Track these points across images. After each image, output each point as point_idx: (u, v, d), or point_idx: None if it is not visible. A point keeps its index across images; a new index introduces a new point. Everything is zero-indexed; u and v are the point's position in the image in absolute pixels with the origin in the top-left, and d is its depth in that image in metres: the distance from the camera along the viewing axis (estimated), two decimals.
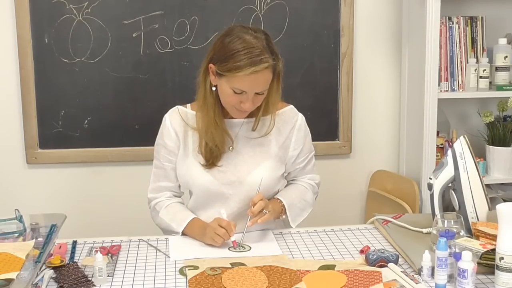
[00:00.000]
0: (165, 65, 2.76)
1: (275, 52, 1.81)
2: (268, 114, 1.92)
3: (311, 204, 2.06)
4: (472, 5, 2.87)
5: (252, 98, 1.82)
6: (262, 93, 1.83)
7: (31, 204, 2.68)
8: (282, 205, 1.94)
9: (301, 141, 2.01)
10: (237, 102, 1.83)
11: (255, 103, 1.85)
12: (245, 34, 1.79)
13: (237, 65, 1.75)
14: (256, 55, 1.75)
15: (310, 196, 2.06)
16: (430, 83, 2.64)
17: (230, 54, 1.77)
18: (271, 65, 1.78)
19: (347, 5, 2.82)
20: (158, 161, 2.00)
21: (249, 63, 1.74)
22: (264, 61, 1.76)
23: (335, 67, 2.88)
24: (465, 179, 1.82)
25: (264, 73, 1.78)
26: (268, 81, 1.81)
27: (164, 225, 1.97)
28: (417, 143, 2.76)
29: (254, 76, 1.76)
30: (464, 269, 1.44)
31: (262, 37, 1.80)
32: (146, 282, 1.58)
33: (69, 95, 2.73)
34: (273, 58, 1.79)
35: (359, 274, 1.58)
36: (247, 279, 1.55)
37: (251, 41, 1.77)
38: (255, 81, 1.78)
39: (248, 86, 1.78)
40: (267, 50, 1.78)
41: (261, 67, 1.75)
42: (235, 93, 1.80)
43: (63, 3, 2.65)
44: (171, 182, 2.00)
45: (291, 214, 1.96)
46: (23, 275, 1.51)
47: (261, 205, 1.82)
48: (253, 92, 1.80)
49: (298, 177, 2.08)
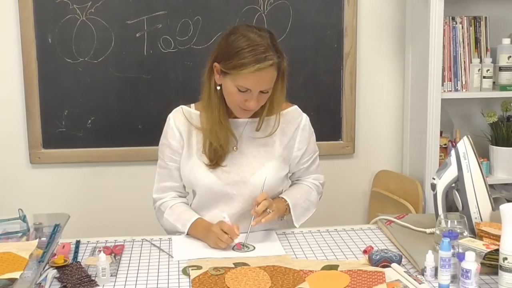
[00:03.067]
0: (169, 65, 2.76)
1: (280, 51, 1.81)
2: (273, 114, 1.92)
3: (315, 204, 2.06)
4: (475, 5, 2.86)
5: (257, 96, 1.82)
6: (267, 92, 1.83)
7: (34, 204, 2.68)
8: (286, 204, 1.94)
9: (306, 141, 2.00)
10: (241, 100, 1.83)
11: (259, 101, 1.85)
12: (250, 32, 1.79)
13: (242, 62, 1.75)
14: (260, 53, 1.75)
15: (315, 196, 2.06)
16: (433, 83, 2.63)
17: (235, 52, 1.77)
18: (275, 63, 1.78)
19: (350, 5, 2.82)
20: (163, 161, 2.00)
21: (254, 60, 1.74)
22: (268, 59, 1.76)
23: (338, 67, 2.88)
24: (468, 179, 1.81)
25: (269, 71, 1.78)
26: (272, 79, 1.82)
27: (169, 225, 1.97)
28: (420, 143, 2.75)
29: (258, 73, 1.76)
30: (468, 270, 1.44)
31: (267, 36, 1.80)
32: (149, 282, 1.58)
33: (72, 95, 2.73)
34: (277, 56, 1.79)
35: (362, 274, 1.58)
36: (250, 279, 1.55)
37: (256, 39, 1.77)
38: (259, 79, 1.78)
39: (253, 84, 1.78)
40: (271, 48, 1.78)
41: (265, 65, 1.75)
42: (240, 91, 1.80)
43: (67, 3, 2.66)
44: (175, 182, 2.00)
45: (295, 214, 1.96)
46: (26, 274, 1.51)
47: (264, 204, 1.82)
48: (257, 90, 1.80)
49: (303, 177, 2.08)
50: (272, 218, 1.85)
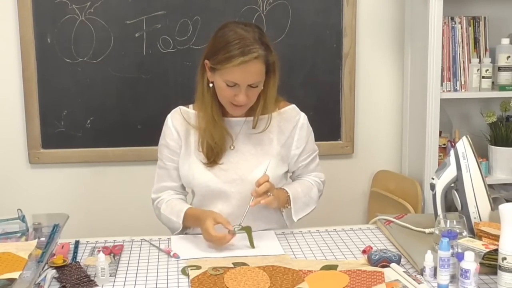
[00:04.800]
0: (168, 65, 2.76)
1: (267, 44, 1.82)
2: (267, 111, 1.92)
3: (315, 201, 2.05)
4: (474, 5, 2.86)
5: (246, 90, 1.82)
6: (256, 86, 1.83)
7: (33, 204, 2.68)
8: (287, 195, 1.94)
9: (304, 140, 2.00)
10: (231, 96, 1.83)
11: (250, 96, 1.85)
12: (236, 27, 1.82)
13: (227, 56, 1.77)
14: (245, 45, 1.76)
15: (315, 193, 2.05)
16: (432, 83, 2.63)
17: (221, 47, 1.79)
18: (261, 56, 1.78)
19: (349, 5, 2.82)
20: (161, 162, 2.01)
21: (238, 53, 1.76)
22: (253, 51, 1.76)
23: (337, 67, 2.88)
24: (467, 179, 1.81)
25: (255, 64, 1.78)
26: (259, 72, 1.81)
27: (166, 220, 1.98)
28: (419, 143, 2.75)
29: (244, 66, 1.77)
30: (467, 269, 1.44)
31: (254, 30, 1.82)
32: (149, 282, 1.58)
33: (71, 95, 2.73)
34: (264, 49, 1.79)
35: (361, 274, 1.58)
36: (249, 279, 1.55)
37: (241, 33, 1.79)
38: (245, 72, 1.78)
39: (239, 77, 1.79)
40: (257, 41, 1.79)
41: (250, 57, 1.76)
42: (228, 86, 1.81)
43: (66, 3, 2.66)
44: (174, 182, 2.01)
45: (294, 206, 1.95)
46: (25, 274, 1.51)
47: (266, 186, 1.81)
48: (245, 84, 1.80)
49: (303, 175, 2.08)
50: (271, 202, 1.84)
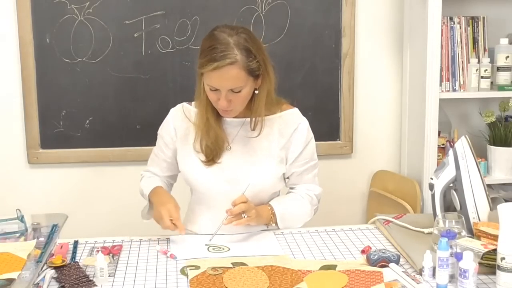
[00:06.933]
0: (167, 65, 2.76)
1: (249, 50, 1.78)
2: (258, 114, 1.90)
3: (309, 214, 2.02)
4: (473, 5, 2.86)
5: (228, 95, 1.80)
6: (239, 91, 1.81)
7: (32, 204, 2.68)
8: (272, 212, 1.93)
9: (302, 145, 1.97)
10: (215, 100, 1.83)
11: (233, 101, 1.82)
12: (220, 32, 1.80)
13: (203, 60, 1.77)
14: (219, 51, 1.75)
15: (306, 206, 2.01)
16: (431, 83, 2.64)
17: (201, 52, 1.80)
18: (236, 62, 1.75)
19: (348, 5, 2.82)
20: (156, 149, 2.06)
21: (211, 59, 1.75)
22: (228, 57, 1.74)
23: (336, 67, 2.88)
24: (466, 179, 1.81)
25: (231, 69, 1.76)
26: (237, 78, 1.78)
27: (140, 191, 2.03)
28: (418, 143, 2.76)
29: (218, 72, 1.75)
30: (466, 269, 1.44)
31: (240, 35, 1.79)
32: (148, 282, 1.58)
33: (70, 95, 2.73)
34: (244, 55, 1.76)
35: (360, 274, 1.58)
36: (248, 279, 1.55)
37: (222, 38, 1.77)
38: (221, 77, 1.76)
39: (216, 82, 1.78)
40: (237, 46, 1.76)
41: (223, 63, 1.74)
42: (211, 90, 1.82)
43: (65, 3, 2.66)
44: (160, 171, 2.06)
45: (282, 225, 1.94)
46: (24, 275, 1.51)
47: (241, 207, 1.80)
48: (224, 89, 1.79)
49: (297, 186, 2.04)
50: (244, 224, 1.83)
